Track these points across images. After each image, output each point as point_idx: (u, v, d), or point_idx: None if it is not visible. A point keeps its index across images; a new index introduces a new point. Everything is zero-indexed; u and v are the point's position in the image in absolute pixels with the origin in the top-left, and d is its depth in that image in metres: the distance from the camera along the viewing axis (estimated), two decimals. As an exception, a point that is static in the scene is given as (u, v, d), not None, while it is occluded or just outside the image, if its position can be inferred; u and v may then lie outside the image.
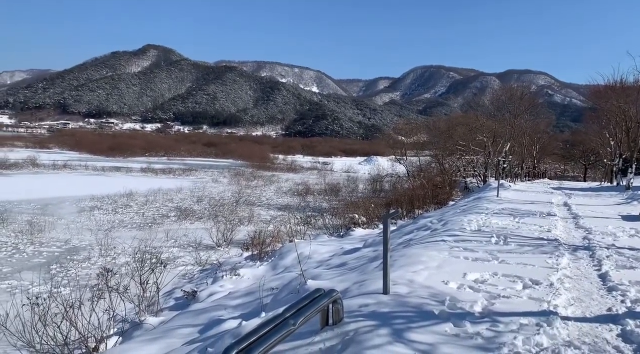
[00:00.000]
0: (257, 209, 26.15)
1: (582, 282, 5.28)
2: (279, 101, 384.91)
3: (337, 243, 12.46)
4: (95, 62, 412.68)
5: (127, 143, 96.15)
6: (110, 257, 14.28)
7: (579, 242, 7.98)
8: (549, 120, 53.76)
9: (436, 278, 5.06)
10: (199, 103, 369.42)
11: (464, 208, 13.65)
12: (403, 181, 34.54)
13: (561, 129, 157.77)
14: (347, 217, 18.65)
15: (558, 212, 12.27)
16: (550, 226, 9.35)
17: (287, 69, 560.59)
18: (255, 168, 61.45)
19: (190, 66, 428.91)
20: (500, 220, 10.17)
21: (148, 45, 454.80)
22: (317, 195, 34.03)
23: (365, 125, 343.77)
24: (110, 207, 24.54)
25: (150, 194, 29.31)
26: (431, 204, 21.24)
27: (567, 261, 6.25)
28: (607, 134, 31.00)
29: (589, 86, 35.69)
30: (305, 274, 6.94)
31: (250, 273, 10.39)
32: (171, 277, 11.01)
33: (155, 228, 19.38)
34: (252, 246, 13.52)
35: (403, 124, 69.93)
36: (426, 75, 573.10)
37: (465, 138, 33.99)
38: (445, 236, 8.02)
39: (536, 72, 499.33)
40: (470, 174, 37.27)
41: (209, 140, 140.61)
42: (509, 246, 7.21)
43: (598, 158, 48.41)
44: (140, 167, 52.80)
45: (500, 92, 43.00)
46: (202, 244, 16.37)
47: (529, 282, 5.06)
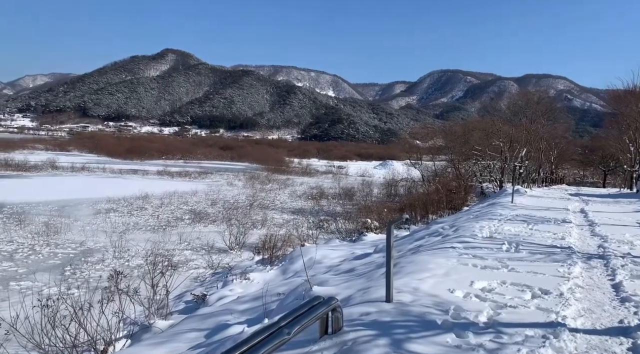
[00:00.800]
0: (270, 212, 26.17)
1: (594, 292, 5.13)
2: (295, 104, 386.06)
3: (348, 248, 12.38)
4: (114, 66, 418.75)
5: (144, 146, 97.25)
6: (123, 260, 14.38)
7: (593, 250, 7.78)
8: (568, 125, 53.01)
9: (442, 286, 4.96)
10: (216, 107, 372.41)
11: (477, 214, 13.46)
12: (418, 186, 34.31)
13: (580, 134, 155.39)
14: (360, 222, 18.56)
15: (574, 219, 12.02)
16: (565, 234, 9.15)
17: (304, 73, 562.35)
18: (270, 171, 61.63)
19: (208, 70, 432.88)
20: (513, 227, 9.99)
21: (166, 50, 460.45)
22: (331, 199, 33.95)
23: (381, 129, 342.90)
24: (125, 209, 24.77)
25: (165, 197, 29.56)
26: (445, 209, 21.05)
27: (579, 269, 6.08)
28: (627, 140, 30.43)
29: (609, 91, 35.10)
30: (312, 279, 6.89)
31: (260, 277, 10.38)
32: (183, 280, 11.09)
33: (169, 231, 19.50)
34: (263, 250, 13.53)
35: (419, 128, 69.66)
36: (443, 79, 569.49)
37: (482, 143, 33.65)
38: (456, 242, 7.90)
39: (555, 77, 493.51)
40: (487, 179, 36.88)
41: (225, 143, 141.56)
42: (520, 254, 7.06)
43: (618, 164, 47.54)
44: (156, 170, 53.35)
45: (517, 96, 42.55)
46: (215, 247, 16.41)
47: (538, 291, 4.92)
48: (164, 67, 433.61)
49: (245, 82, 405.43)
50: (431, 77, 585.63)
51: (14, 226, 18.68)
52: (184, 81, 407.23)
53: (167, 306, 8.91)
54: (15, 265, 13.11)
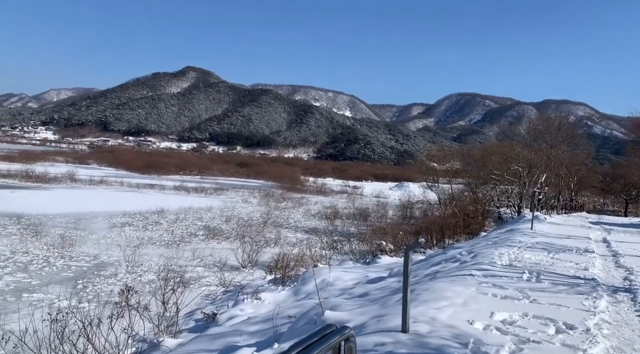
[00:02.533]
0: (284, 231, 26.02)
1: (622, 329, 4.86)
2: (312, 124, 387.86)
3: (362, 270, 12.16)
4: (136, 82, 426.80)
5: (162, 161, 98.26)
6: (136, 275, 14.31)
7: (619, 283, 7.47)
8: (588, 152, 52.19)
9: (461, 317, 4.74)
10: (234, 124, 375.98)
11: (496, 240, 13.15)
12: (434, 209, 33.85)
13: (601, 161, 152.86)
14: (374, 244, 18.29)
15: (596, 248, 11.66)
16: (588, 264, 8.84)
17: (321, 93, 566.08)
18: (285, 190, 61.59)
19: (227, 88, 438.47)
20: (534, 255, 9.70)
21: (187, 67, 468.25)
22: (345, 219, 33.69)
23: (397, 150, 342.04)
24: (140, 223, 24.84)
25: (180, 212, 29.63)
26: (462, 233, 20.66)
27: (605, 303, 5.81)
28: (649, 168, 29.74)
29: (631, 118, 34.54)
30: (324, 303, 6.70)
31: (271, 297, 10.20)
32: (194, 297, 10.95)
33: (183, 246, 19.44)
34: (275, 269, 13.36)
35: (436, 151, 69.19)
36: (461, 102, 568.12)
37: (500, 167, 33.20)
38: (474, 269, 7.65)
39: (575, 103, 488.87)
40: (505, 205, 36.30)
41: (242, 160, 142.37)
42: (542, 284, 6.79)
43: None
44: (173, 185, 53.69)
45: (537, 121, 42.11)
46: (228, 264, 16.27)
47: (563, 326, 4.68)
48: (184, 84, 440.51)
49: (263, 101, 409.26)
50: (449, 100, 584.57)
51: (31, 237, 18.79)
52: (204, 98, 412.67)
53: (177, 324, 8.77)
54: (29, 276, 13.11)
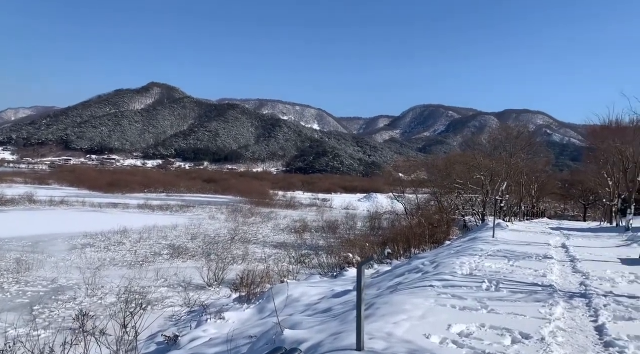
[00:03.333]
0: (252, 246, 25.75)
1: (576, 336, 4.93)
2: (280, 137, 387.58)
3: (328, 284, 12.06)
4: (99, 99, 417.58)
5: (126, 179, 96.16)
6: (96, 298, 13.86)
7: (575, 288, 7.62)
8: (548, 159, 53.83)
9: (418, 330, 4.71)
10: (201, 140, 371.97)
11: (458, 249, 13.29)
12: (401, 219, 34.16)
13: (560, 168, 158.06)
14: (342, 256, 18.25)
15: (555, 254, 11.92)
16: (546, 270, 9.00)
17: (289, 107, 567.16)
18: (253, 204, 61.14)
19: (193, 104, 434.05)
20: (494, 263, 9.83)
21: (152, 83, 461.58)
22: (314, 232, 33.65)
23: (365, 162, 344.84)
24: (102, 244, 24.18)
25: (144, 231, 29.00)
26: (428, 243, 20.84)
27: (561, 310, 5.89)
28: (605, 174, 30.85)
29: (586, 126, 35.87)
30: (287, 320, 6.59)
31: (235, 316, 9.99)
32: (157, 319, 10.62)
33: (146, 266, 18.99)
34: (241, 286, 13.12)
35: (402, 162, 70.09)
36: (425, 113, 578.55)
37: (463, 176, 33.88)
38: (435, 280, 7.68)
39: (534, 112, 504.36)
40: (469, 213, 36.96)
41: (209, 176, 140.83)
42: (500, 293, 6.86)
43: (597, 198, 48.18)
44: (137, 204, 52.59)
45: (497, 131, 43.20)
46: (193, 283, 15.95)
47: (519, 336, 4.70)
48: (148, 100, 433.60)
49: (230, 116, 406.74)
50: (414, 112, 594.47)
51: (-18, 262, 17.99)
52: (169, 114, 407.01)
53: (137, 349, 8.47)
54: (-21, 305, 12.50)
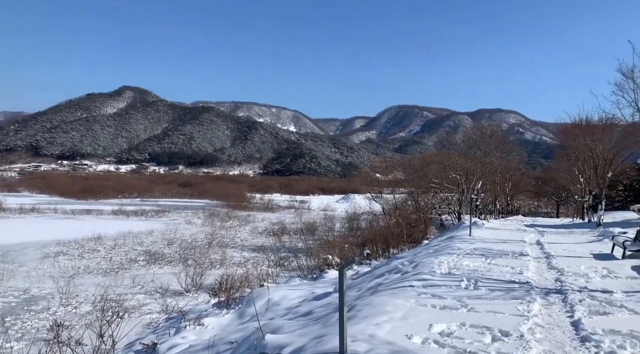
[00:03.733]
0: (230, 251, 25.53)
1: (554, 331, 5.01)
2: (257, 140, 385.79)
3: (308, 287, 12.04)
4: (69, 104, 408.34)
5: (99, 185, 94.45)
6: (71, 307, 13.54)
7: (551, 284, 7.77)
8: (521, 157, 54.93)
9: (400, 331, 4.73)
10: (175, 143, 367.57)
11: (436, 248, 13.43)
12: (379, 219, 34.36)
13: (533, 166, 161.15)
14: (321, 258, 18.24)
15: (531, 251, 12.14)
16: (522, 268, 9.16)
17: (265, 109, 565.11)
18: (230, 208, 60.68)
19: (167, 107, 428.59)
20: (472, 261, 9.95)
21: (124, 87, 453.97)
22: (293, 235, 33.56)
23: (342, 163, 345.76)
24: (76, 252, 23.66)
25: (119, 238, 28.49)
26: (406, 242, 21.02)
27: (538, 307, 6.00)
28: (576, 171, 31.56)
29: (558, 124, 36.66)
30: (268, 325, 6.54)
31: (215, 322, 9.87)
32: (135, 327, 10.42)
33: (122, 274, 18.64)
34: (220, 291, 12.96)
35: (379, 162, 70.50)
36: (401, 114, 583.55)
37: (439, 176, 34.28)
38: (414, 280, 7.73)
39: (507, 111, 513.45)
40: (446, 212, 37.40)
41: (184, 180, 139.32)
42: (479, 291, 6.95)
43: (569, 194, 49.26)
44: (111, 210, 51.64)
45: (471, 130, 43.85)
46: (170, 289, 15.71)
47: (499, 333, 4.76)
48: (121, 104, 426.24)
49: (205, 118, 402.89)
50: (389, 112, 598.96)
51: (-50, 274, 17.39)
52: (142, 118, 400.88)
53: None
54: (-53, 318, 12.07)
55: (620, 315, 5.63)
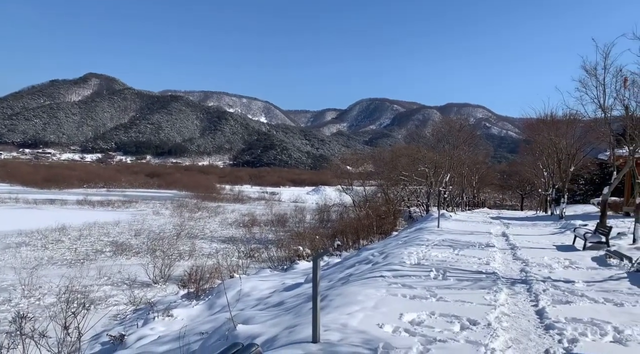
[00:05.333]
0: (199, 242, 25.30)
1: (519, 320, 5.17)
2: (227, 130, 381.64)
3: (279, 278, 12.05)
4: (32, 90, 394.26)
5: (63, 174, 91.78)
6: (34, 299, 13.21)
7: (516, 275, 7.99)
8: (487, 151, 56.11)
9: (371, 321, 4.79)
10: (143, 133, 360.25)
11: (406, 239, 13.62)
12: (350, 211, 34.57)
13: (499, 160, 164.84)
14: (292, 250, 18.27)
15: (497, 243, 12.44)
16: (489, 258, 9.39)
17: (235, 99, 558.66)
18: (200, 199, 60.00)
19: (134, 95, 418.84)
20: (440, 252, 10.14)
21: (90, 74, 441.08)
22: (263, 226, 33.46)
23: (313, 155, 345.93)
24: (39, 243, 23.04)
25: (84, 228, 27.88)
26: (376, 234, 21.25)
27: (505, 296, 6.17)
28: (540, 165, 32.41)
29: (523, 119, 37.48)
30: (239, 315, 6.51)
31: (184, 313, 9.79)
32: (101, 318, 10.23)
33: (88, 265, 18.27)
34: (189, 283, 12.84)
35: (350, 155, 70.80)
36: (371, 107, 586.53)
37: (409, 169, 34.70)
38: (385, 270, 7.83)
39: (474, 106, 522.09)
40: (414, 204, 37.91)
41: (152, 170, 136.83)
42: (448, 281, 7.09)
43: (533, 188, 50.60)
44: (76, 200, 50.32)
45: (440, 124, 44.43)
46: (138, 281, 15.49)
47: (467, 322, 4.88)
48: (86, 92, 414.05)
49: (173, 108, 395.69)
50: (360, 105, 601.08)
51: None
52: (108, 106, 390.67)
53: (80, 350, 8.12)
54: None
55: (581, 304, 5.85)
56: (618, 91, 13.96)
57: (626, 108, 13.83)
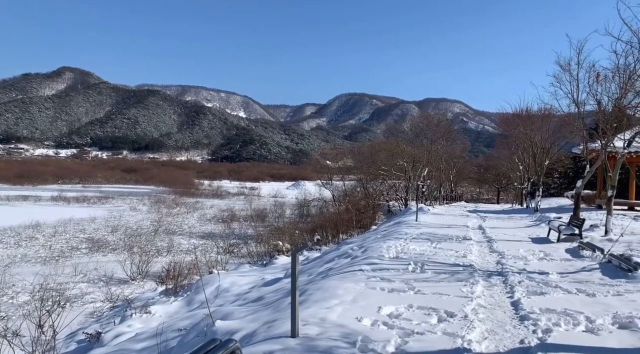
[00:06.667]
0: (177, 238, 25.06)
1: (495, 312, 5.25)
2: (205, 125, 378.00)
3: (258, 273, 12.02)
4: (3, 84, 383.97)
5: (37, 170, 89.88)
6: (7, 297, 12.92)
7: (492, 267, 8.12)
8: (464, 146, 56.72)
9: (350, 314, 4.82)
10: (119, 128, 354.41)
11: (385, 233, 13.71)
12: (329, 206, 34.66)
13: (475, 154, 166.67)
14: (272, 245, 18.23)
15: (473, 236, 12.62)
16: (466, 251, 9.51)
17: (213, 94, 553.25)
18: (178, 195, 59.38)
19: (110, 89, 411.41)
20: (419, 245, 10.24)
21: (63, 68, 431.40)
22: (242, 221, 33.30)
23: (293, 150, 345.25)
24: (12, 240, 22.52)
25: (59, 225, 27.35)
26: (355, 228, 21.33)
27: (481, 288, 6.26)
28: (516, 159, 32.95)
29: (499, 114, 38.02)
30: (218, 311, 6.48)
31: (162, 310, 9.69)
32: (77, 316, 10.07)
33: (63, 262, 17.95)
34: (167, 279, 12.72)
35: (329, 149, 71.01)
36: (351, 102, 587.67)
37: (388, 163, 34.91)
38: (364, 264, 7.87)
39: (452, 101, 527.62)
40: (393, 198, 38.18)
41: (129, 166, 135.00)
42: (426, 274, 7.17)
43: (509, 182, 51.43)
44: (50, 196, 49.32)
45: (418, 119, 44.78)
46: (115, 278, 15.28)
47: (444, 314, 4.95)
48: (60, 86, 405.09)
49: (150, 102, 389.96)
50: (339, 100, 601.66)
51: None
52: (83, 101, 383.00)
53: (55, 349, 7.99)
54: None
55: (555, 295, 5.97)
56: (591, 86, 14.24)
57: (598, 103, 14.12)
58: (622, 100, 13.19)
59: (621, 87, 12.81)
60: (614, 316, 4.96)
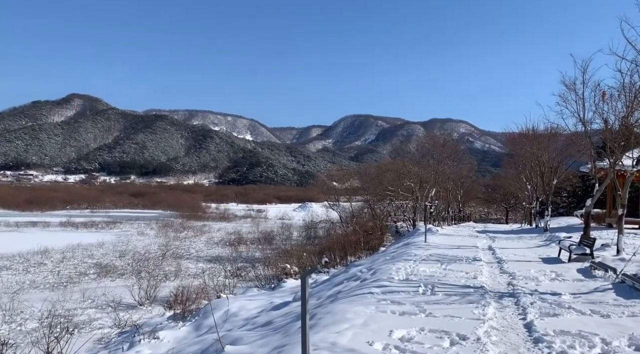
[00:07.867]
0: (185, 262, 24.99)
1: (508, 334, 5.18)
2: (212, 149, 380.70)
3: (267, 297, 11.93)
4: (13, 111, 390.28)
5: (46, 196, 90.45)
6: (15, 324, 12.86)
7: (504, 288, 8.03)
8: (471, 165, 56.62)
9: (361, 338, 4.77)
10: (127, 152, 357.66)
11: (393, 255, 13.62)
12: (337, 227, 34.54)
13: (483, 174, 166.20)
14: (279, 268, 18.13)
15: (483, 256, 12.50)
16: (476, 272, 9.42)
17: (220, 118, 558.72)
18: (185, 218, 59.44)
19: (118, 115, 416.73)
20: (428, 267, 10.16)
21: (72, 95, 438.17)
22: (250, 244, 33.22)
23: (299, 172, 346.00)
24: (20, 266, 22.55)
25: (68, 250, 27.40)
26: (364, 250, 21.19)
27: (493, 310, 6.18)
28: (524, 179, 32.83)
29: (505, 134, 38.06)
30: (227, 336, 6.43)
31: (171, 335, 9.62)
32: (85, 343, 10.00)
33: (71, 288, 17.90)
34: (175, 304, 12.65)
35: (336, 171, 71.07)
36: (356, 123, 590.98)
37: (394, 184, 34.88)
38: (373, 287, 7.81)
39: (457, 121, 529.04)
40: (401, 219, 38.01)
41: (136, 190, 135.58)
42: (436, 296, 7.10)
43: (517, 201, 51.11)
44: (59, 221, 49.54)
45: (424, 139, 44.87)
46: (123, 303, 15.19)
47: (456, 337, 4.88)
48: (69, 112, 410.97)
49: (158, 127, 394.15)
50: (345, 122, 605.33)
51: None
52: (92, 127, 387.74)
53: (63, 377, 7.93)
54: None
55: (569, 316, 5.88)
56: (597, 104, 14.28)
57: (605, 122, 14.12)
58: (629, 118, 13.20)
59: (627, 106, 12.83)
60: (630, 338, 4.87)
